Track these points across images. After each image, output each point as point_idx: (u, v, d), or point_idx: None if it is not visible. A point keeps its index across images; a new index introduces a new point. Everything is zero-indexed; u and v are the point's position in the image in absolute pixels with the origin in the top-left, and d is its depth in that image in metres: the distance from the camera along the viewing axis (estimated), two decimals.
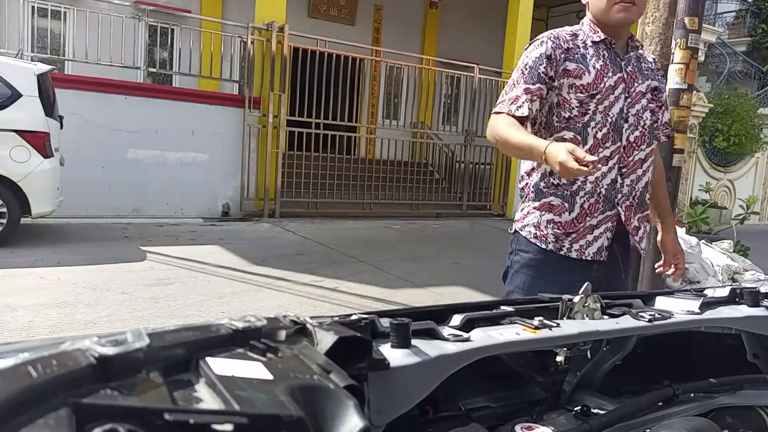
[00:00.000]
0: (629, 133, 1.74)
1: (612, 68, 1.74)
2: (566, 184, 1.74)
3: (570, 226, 1.74)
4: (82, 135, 7.03)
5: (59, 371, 0.40)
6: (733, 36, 18.74)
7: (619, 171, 1.74)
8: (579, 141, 1.70)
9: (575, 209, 1.74)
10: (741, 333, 1.04)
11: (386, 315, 0.73)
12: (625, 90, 1.75)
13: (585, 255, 1.74)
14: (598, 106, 1.71)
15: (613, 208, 1.75)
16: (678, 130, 3.01)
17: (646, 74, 1.82)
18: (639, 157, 1.76)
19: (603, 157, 1.72)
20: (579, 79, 1.71)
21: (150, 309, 4.08)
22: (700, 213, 8.33)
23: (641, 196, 1.79)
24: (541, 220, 1.77)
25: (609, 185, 1.73)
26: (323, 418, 0.48)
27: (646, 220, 1.85)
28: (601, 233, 1.75)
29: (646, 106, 1.78)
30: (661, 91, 1.87)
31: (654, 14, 3.29)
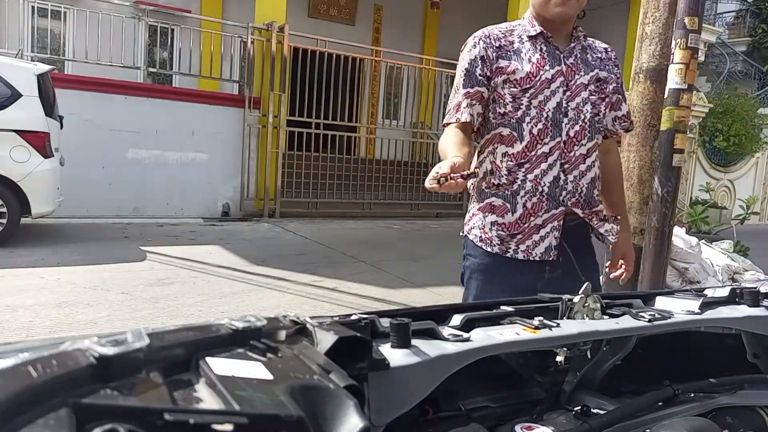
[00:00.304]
0: (569, 127, 1.68)
1: (550, 61, 1.68)
2: (506, 184, 1.69)
3: (514, 227, 1.69)
4: (82, 135, 7.04)
5: (59, 371, 0.40)
6: (733, 36, 18.74)
7: (561, 167, 1.68)
8: (515, 137, 1.66)
9: (518, 209, 1.68)
10: (741, 333, 1.04)
11: (386, 315, 0.73)
12: (564, 83, 1.69)
13: (532, 256, 1.69)
14: (532, 101, 1.66)
15: (559, 206, 1.69)
16: (678, 130, 3.01)
17: (591, 65, 1.75)
18: (581, 152, 1.70)
19: (542, 153, 1.66)
20: (513, 75, 1.67)
21: (150, 309, 4.08)
22: (700, 213, 8.33)
23: (588, 192, 1.72)
24: (485, 222, 1.73)
25: (551, 183, 1.67)
26: (323, 418, 0.48)
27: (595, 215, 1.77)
28: (547, 233, 1.69)
29: (587, 98, 1.71)
30: (609, 82, 1.77)
31: (654, 14, 3.29)
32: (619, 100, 1.84)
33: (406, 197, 9.82)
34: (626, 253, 1.88)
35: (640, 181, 3.38)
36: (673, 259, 4.54)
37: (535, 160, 1.67)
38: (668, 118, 3.01)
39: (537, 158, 1.67)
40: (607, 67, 1.80)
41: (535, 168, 1.67)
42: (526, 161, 1.67)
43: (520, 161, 1.67)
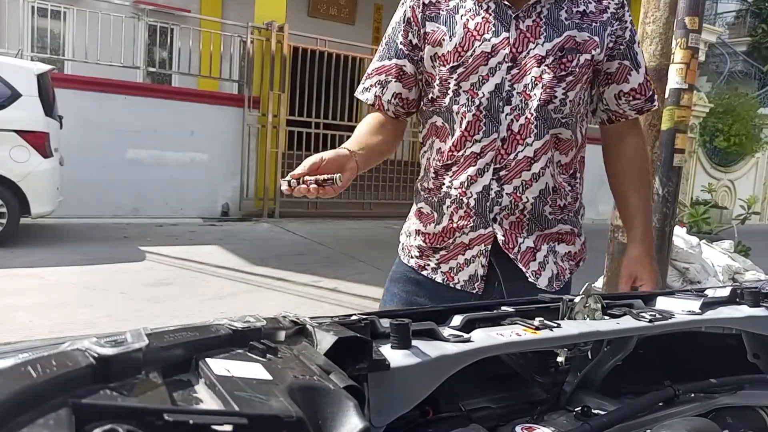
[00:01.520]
0: (511, 119, 1.24)
1: (494, 28, 1.23)
2: (433, 189, 1.35)
3: (438, 239, 1.34)
4: (81, 135, 7.04)
5: (59, 371, 0.40)
6: (734, 36, 18.75)
7: (495, 174, 1.26)
8: (449, 131, 1.30)
9: (443, 221, 1.33)
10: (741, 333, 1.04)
11: (386, 315, 0.73)
12: (509, 57, 1.23)
13: (453, 282, 1.32)
14: (461, 83, 1.25)
15: (488, 225, 1.28)
16: (679, 130, 3.01)
17: (563, 26, 1.24)
18: (525, 155, 1.25)
19: (471, 154, 1.26)
20: (440, 47, 1.26)
21: (150, 309, 4.08)
22: (701, 213, 8.33)
23: (536, 209, 1.28)
24: (411, 228, 1.42)
25: (480, 194, 1.26)
26: (323, 419, 0.48)
27: (555, 240, 1.33)
28: (474, 256, 1.30)
29: (539, 77, 1.23)
30: (587, 48, 1.25)
31: (654, 14, 3.29)
32: (625, 69, 1.32)
33: (406, 197, 9.81)
34: (639, 276, 1.38)
35: None
36: (674, 259, 4.54)
37: (463, 162, 1.28)
38: (669, 117, 3.01)
39: (465, 160, 1.27)
40: (594, 25, 1.26)
41: (462, 172, 1.28)
42: (453, 163, 1.29)
43: (447, 162, 1.31)
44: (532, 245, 1.30)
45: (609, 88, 1.33)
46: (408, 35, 1.31)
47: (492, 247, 1.28)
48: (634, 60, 1.33)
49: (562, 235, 1.34)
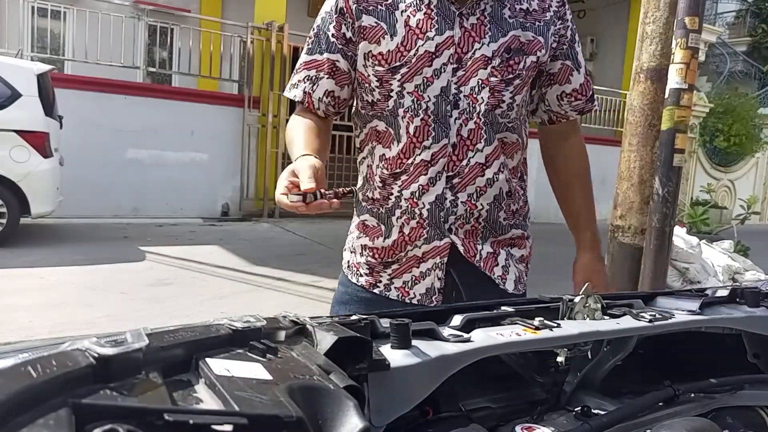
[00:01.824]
0: (461, 124, 1.18)
1: (437, 25, 1.16)
2: (380, 200, 1.25)
3: (388, 253, 1.25)
4: (82, 135, 7.04)
5: (59, 371, 0.40)
6: (734, 36, 18.76)
7: (448, 183, 1.20)
8: (393, 137, 1.21)
9: (392, 234, 1.24)
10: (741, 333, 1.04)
11: (386, 315, 0.73)
12: (454, 58, 1.16)
13: (409, 297, 1.25)
14: (405, 85, 1.17)
15: (443, 236, 1.22)
16: (679, 130, 3.01)
17: (507, 25, 1.18)
18: (477, 161, 1.20)
19: (421, 161, 1.19)
20: (377, 45, 1.17)
21: (150, 309, 4.08)
22: (700, 213, 8.34)
23: (491, 216, 1.25)
24: (356, 243, 1.31)
25: (433, 203, 1.20)
26: (323, 419, 0.48)
27: (509, 245, 1.31)
28: (429, 269, 1.23)
29: (486, 80, 1.17)
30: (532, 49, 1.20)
31: (654, 14, 3.29)
32: (567, 69, 1.28)
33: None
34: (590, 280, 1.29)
35: (641, 181, 3.38)
36: (673, 260, 4.54)
37: (413, 171, 1.20)
38: (669, 118, 3.01)
39: (415, 168, 1.19)
40: (538, 24, 1.22)
41: (413, 182, 1.20)
42: (402, 171, 1.21)
43: (395, 170, 1.21)
44: (491, 250, 1.26)
45: (551, 89, 1.30)
46: (341, 27, 1.20)
47: (449, 258, 1.23)
48: (575, 60, 1.29)
49: (514, 240, 1.32)
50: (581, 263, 1.39)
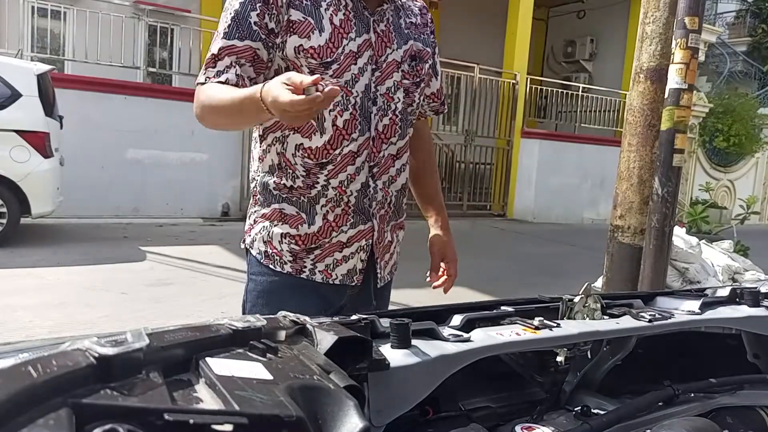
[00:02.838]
0: (378, 120, 1.30)
1: (356, 27, 1.25)
2: (302, 188, 1.30)
3: (311, 240, 1.32)
4: (82, 135, 7.03)
5: (59, 371, 0.40)
6: (734, 36, 18.76)
7: (370, 171, 1.31)
8: (314, 127, 1.27)
9: (316, 221, 1.30)
10: (741, 333, 1.04)
11: (386, 315, 0.73)
12: (372, 59, 1.28)
13: (332, 278, 1.33)
14: (337, 80, 1.24)
15: (368, 220, 1.33)
16: (678, 130, 3.01)
17: (406, 34, 1.34)
18: (390, 153, 1.34)
19: (349, 152, 1.28)
20: (308, 39, 1.22)
21: (150, 309, 4.08)
22: (700, 213, 8.34)
23: (397, 202, 1.40)
24: (272, 233, 1.33)
25: (360, 191, 1.31)
26: (323, 419, 0.48)
27: (400, 227, 1.46)
28: (353, 253, 1.34)
29: (400, 82, 1.32)
30: (425, 57, 1.38)
31: (654, 14, 3.29)
32: (429, 75, 1.46)
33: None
34: (446, 255, 1.54)
35: (641, 181, 3.39)
36: (673, 259, 4.54)
37: (340, 161, 1.28)
38: (668, 118, 3.01)
39: (343, 158, 1.28)
40: (423, 36, 1.39)
41: (341, 171, 1.28)
42: (329, 161, 1.28)
43: (322, 161, 1.28)
44: (390, 239, 1.41)
45: None
46: (264, 17, 1.21)
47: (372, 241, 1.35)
48: (435, 68, 1.49)
49: (403, 222, 1.48)
50: (438, 238, 1.56)
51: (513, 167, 10.57)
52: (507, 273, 5.94)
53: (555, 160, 10.73)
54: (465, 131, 10.39)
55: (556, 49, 13.89)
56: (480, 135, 10.33)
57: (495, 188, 10.79)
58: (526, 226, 9.96)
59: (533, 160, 10.62)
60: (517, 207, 10.68)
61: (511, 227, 9.62)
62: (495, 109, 10.44)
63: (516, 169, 10.66)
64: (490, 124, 10.48)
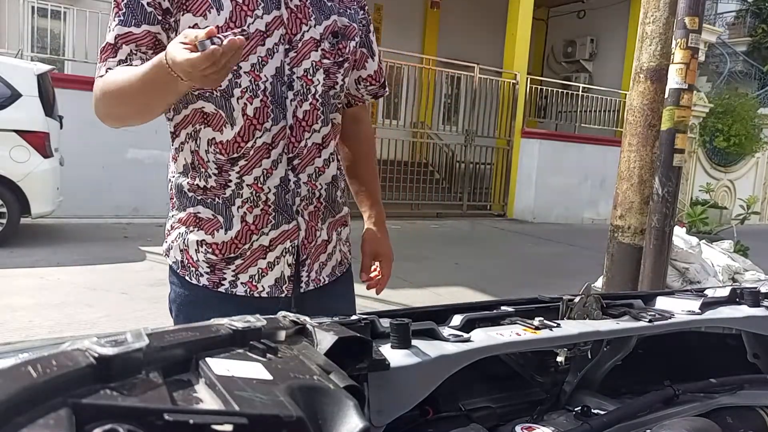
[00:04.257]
0: (296, 106, 1.17)
1: (263, 3, 1.13)
2: (215, 188, 1.18)
3: (230, 248, 1.18)
4: (82, 135, 7.03)
5: (59, 371, 0.40)
6: (734, 36, 18.76)
7: (289, 164, 1.18)
8: (224, 119, 1.15)
9: (234, 225, 1.17)
10: (741, 333, 1.04)
11: (386, 315, 0.73)
12: (284, 38, 1.15)
13: (257, 290, 1.20)
14: (241, 64, 1.12)
15: (291, 219, 1.20)
16: (678, 130, 3.01)
17: (328, 8, 1.22)
18: (313, 142, 1.21)
19: (263, 144, 1.16)
20: (203, 18, 1.10)
21: (150, 309, 4.08)
22: (699, 213, 8.34)
23: (330, 195, 1.27)
24: (188, 240, 1.21)
25: (279, 187, 1.18)
26: (323, 419, 0.48)
27: (341, 224, 1.33)
28: (278, 257, 1.20)
29: (319, 62, 1.19)
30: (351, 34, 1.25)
31: (654, 14, 3.29)
32: (363, 56, 1.33)
33: (406, 197, 9.82)
34: (379, 253, 1.40)
35: (641, 180, 3.39)
36: (673, 259, 4.54)
37: (253, 155, 1.16)
38: (669, 118, 3.01)
39: (256, 152, 1.16)
40: (350, 11, 1.26)
41: (255, 166, 1.16)
42: (240, 156, 1.16)
43: (233, 155, 1.16)
44: (325, 237, 1.28)
45: (351, 73, 1.32)
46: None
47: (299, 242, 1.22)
48: (370, 48, 1.35)
49: (344, 218, 1.35)
50: (370, 234, 1.42)
51: (513, 167, 10.57)
52: (507, 273, 5.94)
53: (555, 160, 10.73)
54: (465, 131, 10.39)
55: (556, 49, 13.90)
56: (480, 135, 10.33)
57: (495, 188, 10.79)
58: (526, 226, 9.96)
59: (533, 160, 10.62)
60: (517, 207, 10.68)
61: (511, 227, 9.62)
62: (495, 109, 10.44)
63: (516, 169, 10.66)
64: (490, 124, 10.48)
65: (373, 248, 1.39)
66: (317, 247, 1.26)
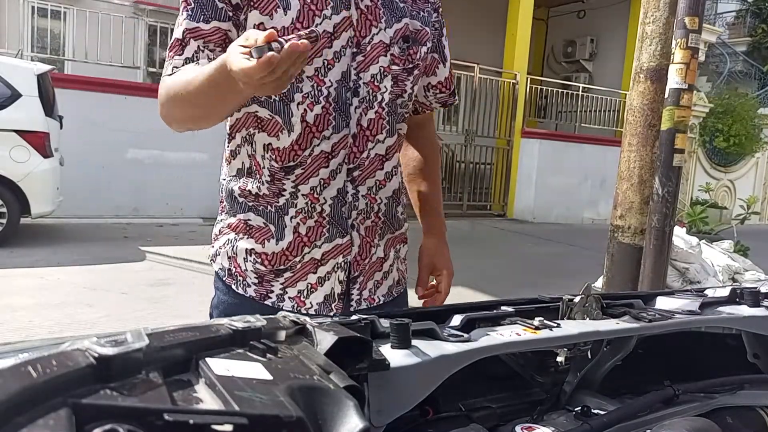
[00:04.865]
0: (360, 113, 1.10)
1: (332, 2, 1.05)
2: (268, 196, 1.11)
3: (280, 260, 1.12)
4: (82, 135, 7.04)
5: (59, 371, 0.40)
6: (734, 36, 18.76)
7: (349, 175, 1.11)
8: (281, 125, 1.08)
9: (286, 235, 1.11)
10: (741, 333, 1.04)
11: (386, 315, 0.73)
12: (352, 41, 1.07)
13: (304, 307, 1.13)
14: (305, 68, 1.05)
15: (345, 233, 1.13)
16: (678, 130, 3.01)
17: (400, 9, 1.13)
18: (377, 153, 1.13)
19: (321, 153, 1.08)
20: (269, 18, 1.03)
21: (150, 309, 4.08)
22: (699, 213, 8.34)
23: (390, 210, 1.19)
24: (237, 247, 1.15)
25: (336, 198, 1.11)
26: (323, 419, 0.48)
27: (401, 241, 1.26)
28: (329, 272, 1.13)
29: (388, 68, 1.11)
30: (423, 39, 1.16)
31: (654, 14, 3.29)
32: (434, 61, 1.25)
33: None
34: (438, 266, 1.29)
35: (641, 180, 3.39)
36: (673, 259, 4.54)
37: (311, 164, 1.09)
38: (669, 118, 3.01)
39: (314, 160, 1.09)
40: (423, 14, 1.17)
41: (312, 176, 1.09)
42: (297, 164, 1.09)
43: (288, 163, 1.09)
44: (382, 255, 1.20)
45: (420, 80, 1.24)
46: None
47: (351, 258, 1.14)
48: (442, 53, 1.27)
49: (404, 235, 1.27)
50: (429, 246, 1.32)
51: (513, 167, 10.57)
52: (507, 273, 5.94)
53: (555, 160, 10.74)
54: (465, 131, 10.39)
55: (556, 49, 13.89)
56: (480, 135, 10.33)
57: (495, 188, 10.79)
58: (526, 226, 9.96)
59: (533, 160, 10.62)
60: (517, 207, 10.68)
61: (511, 227, 9.62)
62: (495, 109, 10.44)
63: (516, 169, 10.66)
64: (490, 124, 10.48)
65: (431, 261, 1.30)
66: (372, 265, 1.19)
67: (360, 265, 1.17)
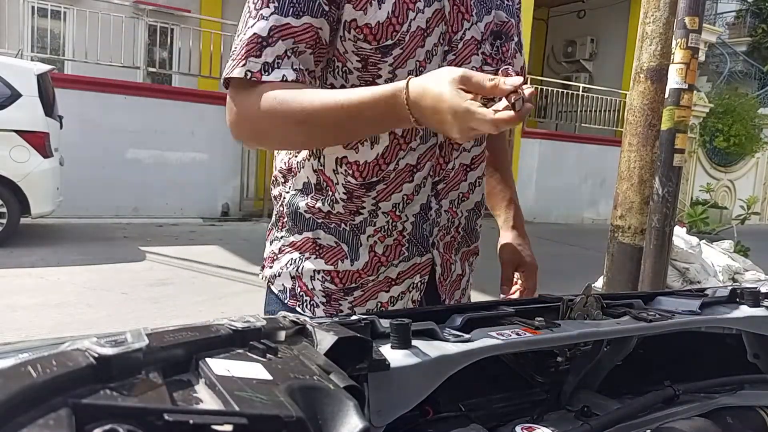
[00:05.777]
0: None
1: None
2: (343, 214, 1.00)
3: (352, 278, 1.02)
4: (82, 135, 7.04)
5: (59, 371, 0.40)
6: (734, 36, 18.76)
7: (433, 189, 1.02)
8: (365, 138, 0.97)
9: (361, 255, 1.01)
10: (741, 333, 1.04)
11: (386, 315, 0.73)
12: (444, 38, 0.95)
13: None
14: (398, 71, 0.92)
15: (425, 252, 1.04)
16: (679, 130, 3.01)
17: (489, 2, 1.00)
18: (462, 162, 1.04)
19: (406, 166, 0.98)
20: (363, 13, 0.89)
21: (150, 309, 4.09)
22: (700, 213, 8.34)
23: (469, 224, 1.11)
24: (302, 268, 1.03)
25: (418, 215, 1.01)
26: (323, 419, 0.48)
27: (474, 253, 1.18)
28: (402, 292, 1.04)
29: (480, 69, 0.98)
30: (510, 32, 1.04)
31: (654, 14, 3.29)
32: (514, 52, 1.10)
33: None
34: (521, 262, 1.21)
35: (641, 181, 3.39)
36: (673, 260, 4.54)
37: (394, 178, 0.99)
38: (669, 117, 3.01)
39: (398, 174, 0.98)
40: (507, 2, 1.05)
41: (394, 191, 0.99)
42: (379, 180, 0.98)
43: (370, 179, 0.98)
44: (460, 272, 1.13)
45: None
46: None
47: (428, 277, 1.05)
48: (519, 42, 1.13)
49: (477, 247, 1.20)
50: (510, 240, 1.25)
51: (513, 167, 10.59)
52: None
53: (555, 160, 10.74)
54: None
55: (556, 49, 13.90)
56: None
57: None
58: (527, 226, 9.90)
59: (533, 160, 10.63)
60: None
61: None
62: None
63: (516, 169, 10.66)
64: None
65: (515, 257, 1.21)
66: (452, 284, 1.10)
67: (443, 285, 1.08)
